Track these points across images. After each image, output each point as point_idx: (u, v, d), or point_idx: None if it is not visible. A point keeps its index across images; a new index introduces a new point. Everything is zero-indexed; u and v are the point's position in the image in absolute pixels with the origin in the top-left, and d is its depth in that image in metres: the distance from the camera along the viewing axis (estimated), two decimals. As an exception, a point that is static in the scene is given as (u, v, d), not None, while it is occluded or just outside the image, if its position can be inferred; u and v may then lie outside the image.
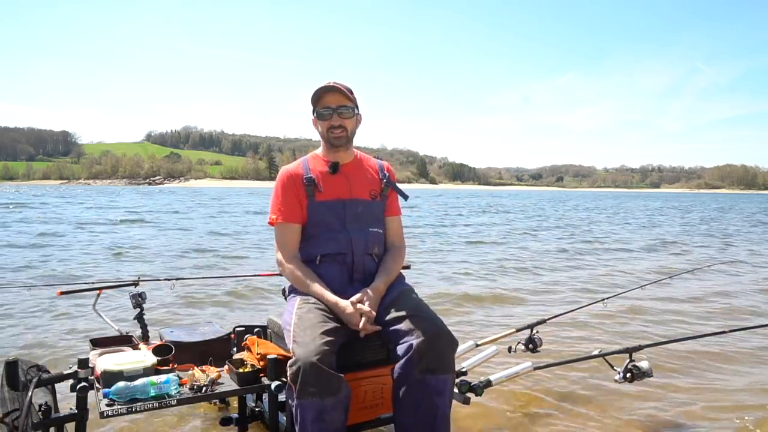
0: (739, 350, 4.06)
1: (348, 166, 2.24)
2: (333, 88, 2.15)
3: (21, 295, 5.46)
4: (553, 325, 4.00)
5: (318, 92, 2.15)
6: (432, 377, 1.85)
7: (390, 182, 2.30)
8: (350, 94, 2.18)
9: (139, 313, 2.97)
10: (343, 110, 2.16)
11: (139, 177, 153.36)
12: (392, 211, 2.34)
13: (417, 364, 1.85)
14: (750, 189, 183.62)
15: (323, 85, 2.17)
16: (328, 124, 2.17)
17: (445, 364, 1.88)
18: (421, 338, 1.87)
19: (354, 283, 2.15)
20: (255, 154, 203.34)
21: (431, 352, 1.85)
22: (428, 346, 1.86)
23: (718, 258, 9.87)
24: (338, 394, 1.78)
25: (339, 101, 2.16)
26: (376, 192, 2.26)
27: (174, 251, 9.77)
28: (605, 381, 3.29)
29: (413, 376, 1.86)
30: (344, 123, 2.17)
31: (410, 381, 1.86)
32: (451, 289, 6.31)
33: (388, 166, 2.37)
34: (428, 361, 1.85)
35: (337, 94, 2.15)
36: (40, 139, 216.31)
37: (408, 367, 1.86)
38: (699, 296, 6.17)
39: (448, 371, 1.89)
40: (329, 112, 2.16)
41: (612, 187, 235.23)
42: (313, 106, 2.19)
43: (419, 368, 1.85)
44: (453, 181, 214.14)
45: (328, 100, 2.15)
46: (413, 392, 1.86)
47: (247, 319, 4.75)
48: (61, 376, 2.03)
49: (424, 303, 2.10)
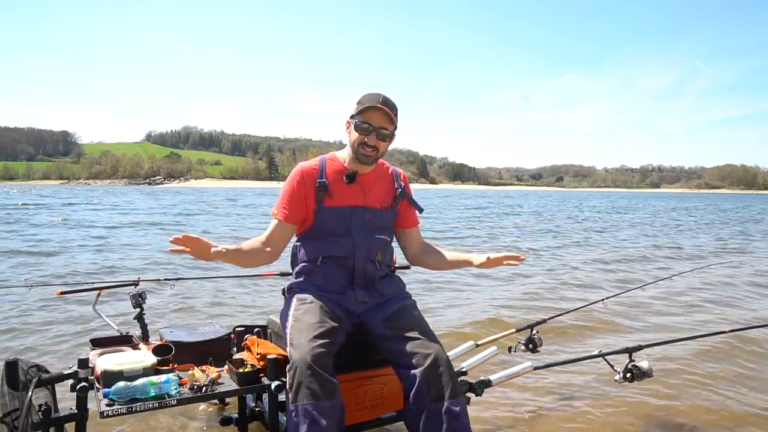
0: (739, 350, 4.06)
1: (366, 176, 2.19)
2: (381, 110, 2.07)
3: (21, 295, 5.46)
4: (553, 325, 4.00)
5: (366, 106, 2.07)
6: (444, 404, 1.85)
7: (404, 193, 2.27)
8: (395, 117, 2.11)
9: (139, 313, 2.97)
10: (383, 132, 2.09)
11: (139, 177, 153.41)
12: (411, 223, 2.33)
13: (428, 394, 1.86)
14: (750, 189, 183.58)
15: (373, 101, 2.07)
16: (362, 140, 2.09)
17: (453, 388, 1.88)
18: (422, 367, 1.88)
19: (355, 286, 2.14)
20: (255, 154, 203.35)
21: (437, 379, 1.87)
22: (431, 373, 1.87)
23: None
24: (333, 398, 1.78)
25: (382, 122, 2.09)
26: (387, 203, 2.23)
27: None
28: (605, 381, 3.29)
29: (427, 406, 1.86)
30: (379, 145, 2.10)
31: (426, 412, 1.86)
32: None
33: (404, 176, 2.33)
34: (437, 389, 1.86)
35: (383, 115, 2.08)
36: (40, 139, 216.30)
37: (419, 398, 1.87)
38: (699, 296, 6.17)
39: (458, 395, 1.89)
40: (369, 128, 2.08)
41: (612, 187, 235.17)
42: (355, 113, 2.10)
43: (430, 397, 1.86)
44: (453, 181, 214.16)
45: (372, 116, 2.08)
46: (432, 421, 1.85)
47: (247, 319, 4.75)
48: (61, 376, 2.03)
49: (425, 322, 2.09)
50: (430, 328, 2.06)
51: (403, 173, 2.34)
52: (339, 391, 1.82)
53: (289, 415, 1.79)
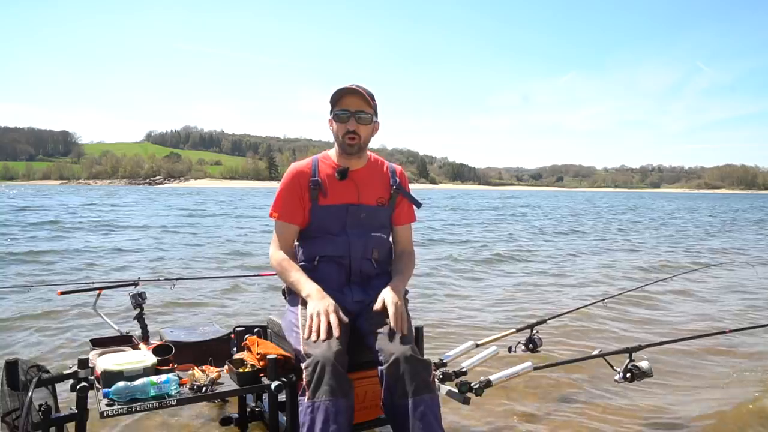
0: (739, 349, 4.06)
1: (358, 172, 2.18)
2: (354, 91, 2.07)
3: (21, 295, 5.47)
4: (553, 325, 4.00)
5: (338, 93, 2.08)
6: (410, 401, 1.80)
7: (401, 189, 2.24)
8: (371, 100, 2.09)
9: (139, 313, 2.97)
10: (361, 115, 2.08)
11: (139, 177, 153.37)
12: (404, 220, 2.29)
13: (395, 392, 1.83)
14: (750, 189, 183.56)
15: (345, 86, 2.09)
16: (344, 128, 2.08)
17: (417, 385, 1.82)
18: (387, 363, 1.85)
19: (351, 284, 2.15)
20: (255, 154, 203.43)
21: (401, 376, 1.82)
22: (395, 370, 1.83)
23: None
24: (349, 396, 1.78)
25: (358, 106, 2.08)
26: (384, 199, 2.21)
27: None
28: (605, 381, 3.29)
29: (395, 403, 1.83)
30: (359, 129, 2.09)
31: (394, 408, 1.84)
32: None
33: (401, 171, 2.30)
34: (401, 385, 1.82)
35: (358, 98, 2.07)
36: (40, 139, 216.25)
37: (388, 395, 1.85)
38: (699, 296, 6.17)
39: (422, 392, 1.82)
40: (347, 115, 2.07)
41: (612, 187, 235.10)
42: (332, 106, 2.11)
43: (398, 394, 1.82)
44: (453, 181, 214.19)
45: (348, 102, 2.07)
46: (400, 417, 1.83)
47: (247, 319, 4.76)
48: (61, 376, 2.03)
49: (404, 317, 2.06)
50: (405, 323, 2.00)
51: (400, 169, 2.31)
52: (353, 391, 1.82)
53: (304, 411, 1.77)
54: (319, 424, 1.73)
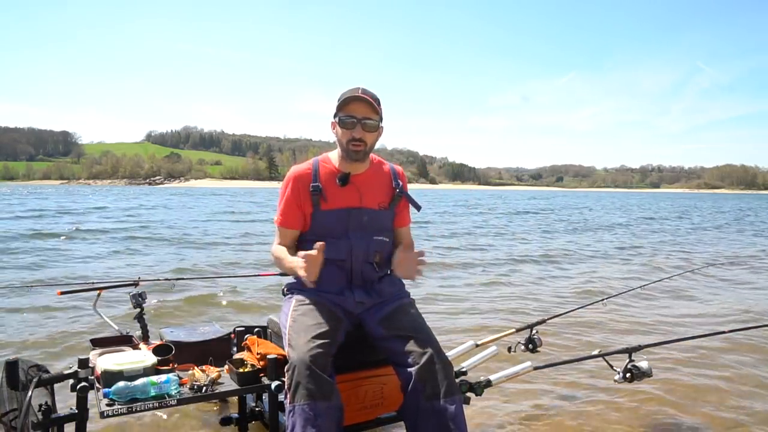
0: (739, 349, 4.06)
1: (360, 176, 2.16)
2: (362, 99, 2.04)
3: (21, 295, 5.46)
4: (553, 325, 4.00)
5: (345, 99, 2.05)
6: (441, 402, 1.84)
7: (402, 191, 2.24)
8: (377, 106, 2.08)
9: (139, 313, 2.97)
10: (368, 122, 2.06)
11: (139, 177, 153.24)
12: (403, 222, 2.30)
13: (423, 392, 1.85)
14: (750, 189, 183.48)
15: (353, 92, 2.06)
16: (350, 135, 2.06)
17: (448, 386, 1.87)
18: (418, 365, 1.87)
19: (353, 287, 2.14)
20: (255, 154, 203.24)
21: (432, 378, 1.86)
22: (427, 371, 1.86)
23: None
24: (330, 399, 1.77)
25: (365, 113, 2.05)
26: (385, 202, 2.20)
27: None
28: (605, 381, 3.29)
29: (423, 405, 1.85)
30: (365, 137, 2.06)
31: (422, 410, 1.85)
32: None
33: (402, 172, 2.29)
34: (432, 387, 1.85)
35: (365, 105, 2.05)
36: (40, 139, 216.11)
37: (415, 396, 1.86)
38: (699, 296, 6.17)
39: (454, 393, 1.88)
40: (353, 121, 2.05)
41: (612, 187, 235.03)
42: (337, 110, 2.08)
43: (425, 396, 1.85)
44: (453, 181, 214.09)
45: (355, 108, 2.05)
46: (427, 421, 1.85)
47: (247, 319, 4.75)
48: (61, 376, 2.03)
49: (422, 320, 2.09)
50: (427, 326, 2.06)
51: (401, 170, 2.31)
52: (337, 392, 1.82)
53: (287, 415, 1.79)
54: (299, 429, 1.74)
